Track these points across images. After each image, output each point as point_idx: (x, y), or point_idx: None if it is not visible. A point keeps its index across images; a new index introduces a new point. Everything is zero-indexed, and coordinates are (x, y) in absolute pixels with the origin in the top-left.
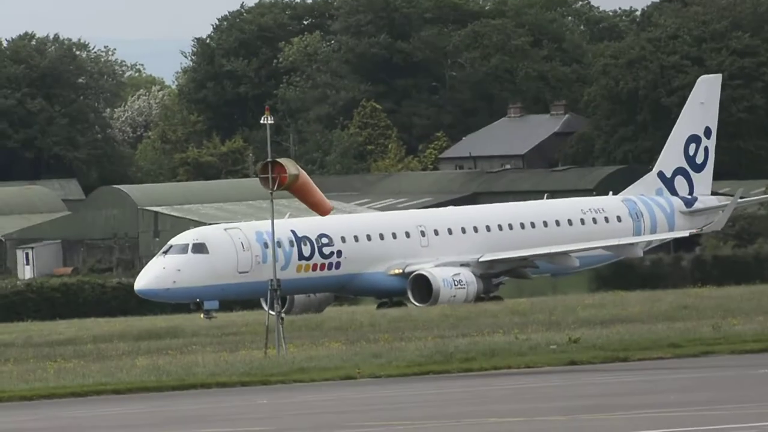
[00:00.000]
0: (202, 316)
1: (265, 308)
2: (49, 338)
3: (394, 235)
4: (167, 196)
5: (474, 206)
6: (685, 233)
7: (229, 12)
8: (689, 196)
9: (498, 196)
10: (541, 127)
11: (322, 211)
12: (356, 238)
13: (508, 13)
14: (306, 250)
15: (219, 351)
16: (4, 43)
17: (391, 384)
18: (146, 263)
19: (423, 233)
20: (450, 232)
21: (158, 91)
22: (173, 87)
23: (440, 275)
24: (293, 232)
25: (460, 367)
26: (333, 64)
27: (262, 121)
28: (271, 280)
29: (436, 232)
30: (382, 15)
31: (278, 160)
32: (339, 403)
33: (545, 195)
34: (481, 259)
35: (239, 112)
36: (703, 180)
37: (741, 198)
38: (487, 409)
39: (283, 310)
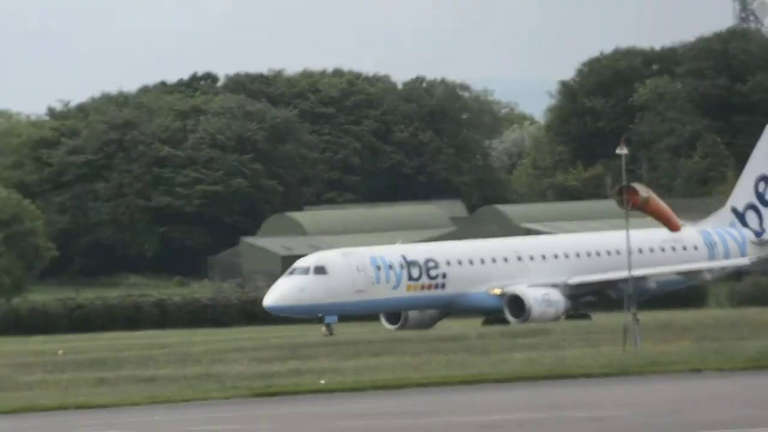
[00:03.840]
0: (323, 329)
1: (384, 323)
2: (438, 334)
3: (494, 260)
4: (538, 214)
5: (565, 235)
6: (746, 260)
7: (589, 58)
8: (759, 228)
9: None
10: None
11: (673, 227)
12: (460, 262)
13: None
14: (415, 272)
15: (583, 347)
16: (400, 86)
17: (733, 376)
18: None
19: (520, 258)
20: (544, 257)
21: (529, 125)
22: (542, 122)
23: (532, 295)
24: (404, 256)
25: None
26: (679, 102)
27: (617, 151)
28: (626, 280)
29: (531, 258)
30: (721, 61)
31: (631, 184)
32: (686, 391)
33: None
34: (569, 282)
35: (599, 144)
36: None
37: None
38: None
39: (398, 325)
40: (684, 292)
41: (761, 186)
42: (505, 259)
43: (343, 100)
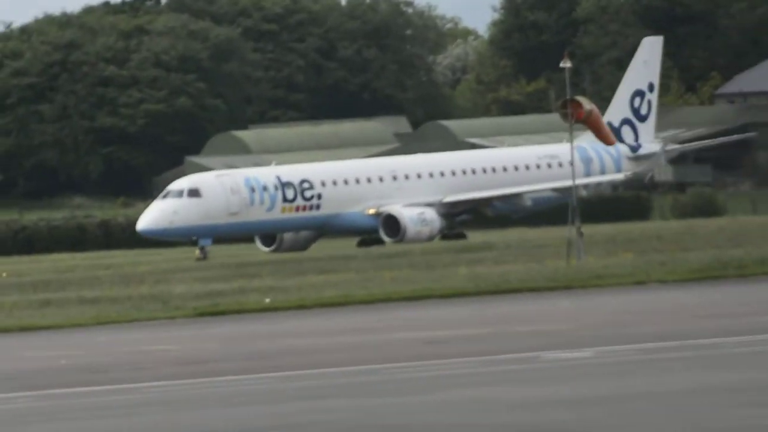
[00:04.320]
0: (197, 252)
1: (259, 245)
2: (383, 251)
3: (369, 180)
4: (482, 129)
5: (440, 153)
6: (621, 176)
7: None
8: (635, 143)
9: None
10: None
11: (608, 141)
12: (335, 183)
13: None
14: (289, 194)
15: (528, 261)
16: (343, 2)
17: (676, 288)
18: None
19: (395, 177)
20: (419, 176)
21: (473, 40)
22: (485, 37)
23: (407, 214)
24: (278, 177)
25: (735, 273)
26: (622, 15)
27: (561, 65)
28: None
29: (406, 177)
30: None
31: (575, 97)
32: (630, 304)
33: None
34: (444, 200)
35: (542, 58)
36: (647, 129)
37: (667, 147)
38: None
39: (273, 247)
40: (628, 205)
41: (636, 101)
42: (381, 179)
43: (286, 18)
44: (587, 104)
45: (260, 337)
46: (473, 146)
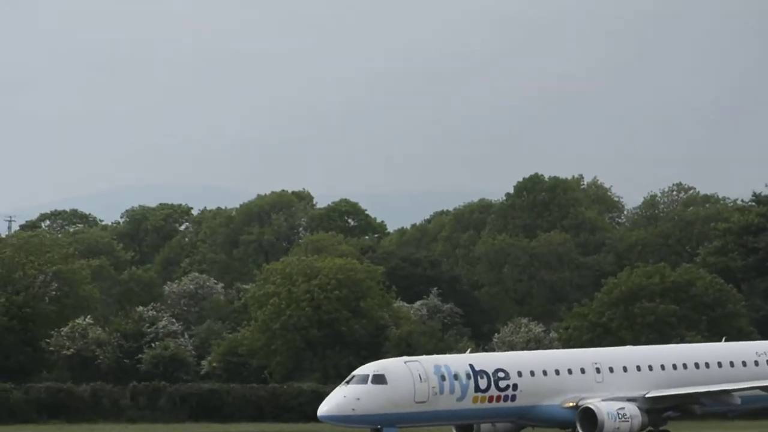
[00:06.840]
0: None
1: None
2: None
3: (570, 371)
4: None
5: (650, 346)
6: None
7: None
8: None
9: None
10: None
11: None
12: (532, 373)
13: None
14: (482, 383)
15: None
16: None
17: None
18: None
19: (598, 370)
20: (625, 369)
21: None
22: None
23: (605, 409)
24: (471, 366)
25: None
26: None
27: None
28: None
29: (611, 369)
30: None
31: None
32: None
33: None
34: (647, 395)
35: None
36: None
37: None
38: None
39: None
40: None
41: None
42: (582, 371)
43: None
44: None
45: None
46: None
